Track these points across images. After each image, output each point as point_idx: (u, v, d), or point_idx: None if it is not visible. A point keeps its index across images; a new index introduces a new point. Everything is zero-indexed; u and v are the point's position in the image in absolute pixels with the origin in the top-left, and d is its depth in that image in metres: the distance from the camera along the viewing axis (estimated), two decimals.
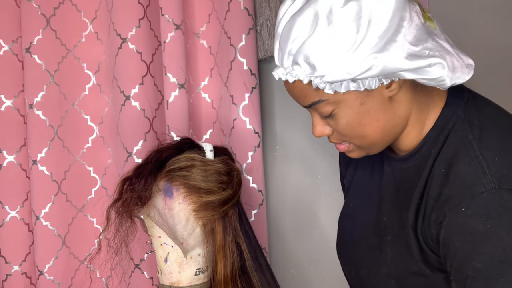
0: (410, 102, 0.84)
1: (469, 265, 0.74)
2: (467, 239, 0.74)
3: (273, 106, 1.53)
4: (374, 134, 0.84)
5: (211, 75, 1.47)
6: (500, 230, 0.72)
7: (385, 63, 0.75)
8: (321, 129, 0.88)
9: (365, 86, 0.78)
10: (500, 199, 0.73)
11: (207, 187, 1.07)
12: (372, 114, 0.82)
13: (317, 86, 0.79)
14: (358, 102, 0.81)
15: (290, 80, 0.82)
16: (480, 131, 0.80)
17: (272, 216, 1.54)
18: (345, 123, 0.83)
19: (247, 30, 1.38)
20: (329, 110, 0.82)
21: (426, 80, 0.79)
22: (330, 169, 1.51)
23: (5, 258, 1.47)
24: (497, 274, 0.71)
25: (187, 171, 1.07)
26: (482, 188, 0.74)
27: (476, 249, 0.73)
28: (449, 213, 0.77)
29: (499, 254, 0.71)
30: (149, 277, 1.44)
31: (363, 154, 0.90)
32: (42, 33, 1.42)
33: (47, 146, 1.44)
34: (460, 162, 0.79)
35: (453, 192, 0.78)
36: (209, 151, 1.13)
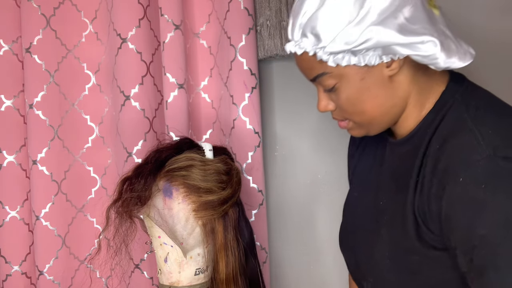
0: (410, 84, 0.87)
1: (473, 233, 0.75)
2: (468, 208, 0.76)
3: (273, 106, 1.53)
4: (372, 111, 0.88)
5: (211, 75, 1.47)
6: (499, 195, 0.74)
7: (380, 35, 0.80)
8: (325, 104, 0.92)
9: (366, 61, 0.83)
10: (496, 165, 0.75)
11: (207, 186, 1.07)
12: (371, 90, 0.86)
13: (321, 58, 0.84)
14: (358, 77, 0.85)
15: (298, 52, 0.87)
16: (476, 110, 0.83)
17: (272, 216, 1.54)
18: (345, 97, 0.87)
19: (247, 30, 1.38)
20: (332, 84, 0.87)
21: (419, 57, 0.83)
22: (330, 169, 1.51)
23: (5, 258, 1.47)
24: (501, 237, 0.73)
25: (187, 171, 1.07)
26: (478, 156, 0.76)
27: (478, 216, 0.74)
28: (448, 186, 0.78)
29: (502, 219, 0.73)
30: (149, 277, 1.44)
31: (363, 133, 0.94)
32: (42, 33, 1.42)
33: (47, 146, 1.44)
34: (455, 136, 0.82)
35: (450, 163, 0.80)
36: (209, 150, 1.13)
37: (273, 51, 1.43)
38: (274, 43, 1.43)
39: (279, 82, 1.53)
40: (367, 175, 1.04)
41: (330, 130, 1.51)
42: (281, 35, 1.43)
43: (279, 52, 1.43)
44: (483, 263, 0.74)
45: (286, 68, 1.52)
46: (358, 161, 1.10)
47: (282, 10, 1.43)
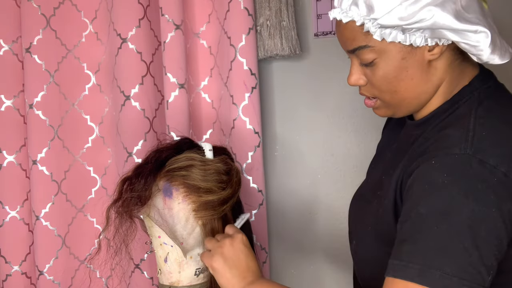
0: (444, 72, 0.88)
1: (414, 208, 0.79)
2: (424, 186, 0.79)
3: (273, 106, 1.53)
4: (405, 92, 0.88)
5: (211, 75, 1.47)
6: (454, 188, 0.77)
7: (437, 17, 0.80)
8: (356, 78, 0.92)
9: (411, 41, 0.83)
10: (467, 164, 0.78)
11: (207, 186, 1.07)
12: (409, 71, 0.86)
13: (368, 29, 0.84)
14: (400, 56, 0.85)
15: (345, 20, 0.86)
16: (484, 110, 0.85)
17: (272, 216, 1.54)
18: (382, 74, 0.87)
19: (247, 30, 1.38)
20: (371, 58, 0.87)
21: (467, 45, 0.82)
22: (330, 169, 1.51)
23: (5, 258, 1.47)
24: (433, 222, 0.76)
25: (187, 170, 1.07)
26: (458, 150, 0.79)
27: (427, 196, 0.78)
28: (422, 164, 0.82)
29: (443, 207, 0.76)
30: (149, 277, 1.44)
31: (389, 114, 0.94)
32: (42, 33, 1.42)
33: (47, 146, 1.44)
34: (452, 127, 0.84)
35: (433, 148, 0.83)
36: (209, 150, 1.13)
37: (273, 51, 1.43)
38: (274, 43, 1.43)
39: (279, 82, 1.53)
40: (384, 150, 1.07)
41: (330, 130, 1.51)
42: (281, 35, 1.43)
43: (279, 52, 1.43)
44: (408, 234, 0.78)
45: (286, 68, 1.52)
46: (383, 137, 1.14)
47: (282, 10, 1.43)
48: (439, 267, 0.74)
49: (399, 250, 0.78)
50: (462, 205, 0.76)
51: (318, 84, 1.50)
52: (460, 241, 0.74)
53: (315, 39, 1.49)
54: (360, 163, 1.47)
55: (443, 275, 0.73)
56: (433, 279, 0.74)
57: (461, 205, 0.76)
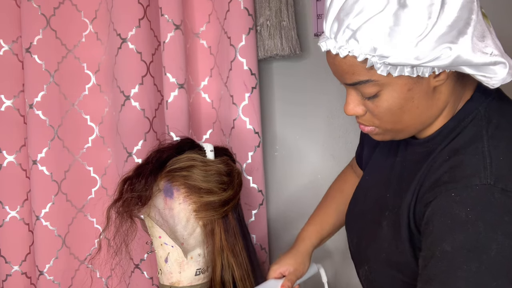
0: (449, 95, 0.83)
1: (439, 245, 0.75)
2: (446, 222, 0.75)
3: (273, 106, 1.53)
4: (409, 121, 0.84)
5: (211, 75, 1.47)
6: (479, 223, 0.73)
7: (458, 54, 0.74)
8: (353, 108, 0.85)
9: (419, 73, 0.78)
10: (490, 195, 0.74)
11: (208, 187, 1.07)
12: (415, 101, 0.81)
13: (373, 65, 0.77)
14: (406, 88, 0.79)
15: (343, 54, 0.78)
16: (495, 129, 0.80)
17: (272, 216, 1.54)
18: (386, 106, 0.82)
19: (247, 30, 1.38)
20: (374, 92, 0.81)
21: (483, 77, 0.77)
22: (330, 169, 1.51)
23: (5, 258, 1.47)
24: (462, 261, 0.72)
25: (188, 171, 1.07)
26: (478, 181, 0.75)
27: (451, 233, 0.74)
28: (439, 195, 0.78)
29: (470, 244, 0.72)
30: (149, 277, 1.44)
31: (387, 138, 0.89)
32: (42, 33, 1.42)
33: (47, 146, 1.44)
34: (465, 153, 0.80)
35: (450, 178, 0.78)
36: (210, 151, 1.13)
37: (273, 51, 1.43)
38: (274, 43, 1.43)
39: (279, 82, 1.53)
40: (382, 164, 1.02)
41: (330, 130, 1.51)
42: (281, 35, 1.43)
43: (279, 52, 1.43)
44: (434, 273, 0.74)
45: (286, 68, 1.52)
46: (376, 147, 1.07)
47: (282, 10, 1.43)
48: None
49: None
50: (490, 241, 0.71)
51: (318, 84, 1.50)
52: (493, 279, 0.70)
53: (315, 39, 1.49)
54: None
55: None
56: None
57: (489, 241, 0.71)
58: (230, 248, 1.10)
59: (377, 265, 0.93)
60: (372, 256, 0.95)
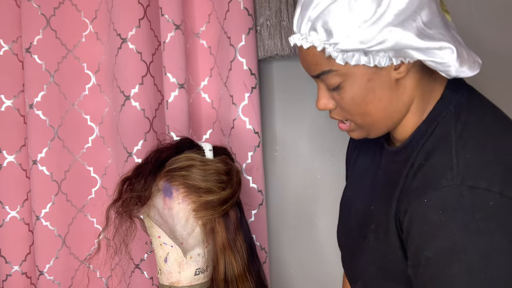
0: (414, 89, 0.86)
1: (422, 253, 0.77)
2: (423, 228, 0.77)
3: (273, 106, 1.53)
4: (375, 114, 0.86)
5: (211, 75, 1.47)
6: (452, 224, 0.74)
7: (398, 38, 0.78)
8: (325, 102, 0.89)
9: (375, 62, 0.81)
10: (458, 195, 0.75)
11: (207, 186, 1.07)
12: (377, 92, 0.84)
13: (330, 54, 0.81)
14: (365, 78, 0.82)
15: (305, 46, 0.83)
16: (463, 128, 0.82)
17: (272, 216, 1.54)
18: (350, 97, 0.85)
19: (247, 30, 1.38)
20: (337, 82, 0.84)
21: (433, 63, 0.80)
22: (330, 169, 1.51)
23: (5, 258, 1.47)
24: (444, 264, 0.74)
25: (187, 171, 1.07)
26: (445, 182, 0.77)
27: (429, 239, 0.76)
28: (413, 202, 0.80)
29: (448, 247, 0.74)
30: (149, 277, 1.44)
31: (363, 135, 0.92)
32: (42, 33, 1.42)
33: (47, 146, 1.44)
34: (435, 155, 0.81)
35: (422, 183, 0.80)
36: (209, 150, 1.13)
37: (273, 51, 1.43)
38: (274, 43, 1.43)
39: (279, 82, 1.53)
40: (363, 177, 1.03)
41: (330, 130, 1.51)
42: (281, 35, 1.43)
43: (279, 52, 1.43)
44: (423, 282, 0.77)
45: (286, 68, 1.52)
46: (355, 163, 1.09)
47: (282, 10, 1.43)
48: None
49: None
50: (465, 241, 0.73)
51: None
52: (475, 277, 0.72)
53: None
54: None
55: None
56: None
57: (464, 241, 0.73)
58: (231, 245, 1.10)
59: (370, 279, 0.94)
60: (362, 271, 0.95)
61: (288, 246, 1.55)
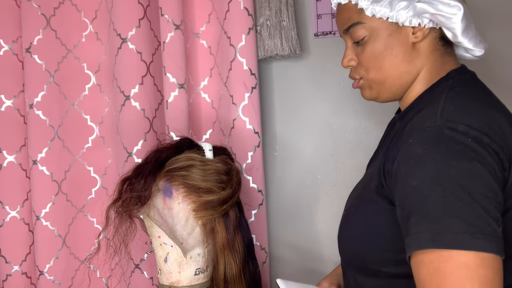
0: (426, 58, 0.97)
1: (407, 184, 0.83)
2: (407, 163, 0.84)
3: (273, 106, 1.53)
4: (388, 69, 0.97)
5: (211, 75, 1.47)
6: (435, 154, 0.81)
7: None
8: (349, 59, 1.02)
9: (397, 19, 0.94)
10: (440, 132, 0.83)
11: (207, 186, 1.07)
12: (394, 49, 0.96)
13: (362, 6, 0.96)
14: (387, 33, 0.96)
15: (344, 1, 0.99)
16: (455, 93, 0.91)
17: (272, 216, 1.54)
18: (370, 50, 0.97)
19: (247, 30, 1.38)
20: (362, 35, 0.97)
21: (442, 17, 0.92)
22: (330, 169, 1.51)
23: (5, 258, 1.47)
24: (428, 190, 0.80)
25: (187, 170, 1.07)
26: (429, 123, 0.85)
27: (414, 169, 0.82)
28: (402, 146, 0.87)
29: (431, 174, 0.80)
30: (149, 277, 1.44)
31: (373, 95, 1.02)
32: (42, 33, 1.42)
33: (47, 146, 1.44)
34: (424, 110, 0.92)
35: (409, 131, 0.89)
36: (208, 150, 1.13)
37: (273, 51, 1.43)
38: (274, 43, 1.43)
39: (279, 82, 1.53)
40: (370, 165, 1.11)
41: (330, 130, 1.51)
42: (281, 35, 1.43)
43: (279, 52, 1.43)
44: (410, 208, 0.81)
45: (286, 68, 1.52)
46: None
47: (282, 10, 1.43)
48: (447, 228, 0.76)
49: (407, 227, 0.81)
50: (448, 167, 0.79)
51: (318, 84, 1.50)
52: (459, 200, 0.77)
53: (315, 39, 1.49)
54: (360, 163, 1.47)
55: (454, 234, 0.76)
56: (446, 241, 0.76)
57: (447, 167, 0.79)
58: (230, 245, 1.10)
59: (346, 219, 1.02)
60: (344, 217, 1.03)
61: (288, 246, 1.55)
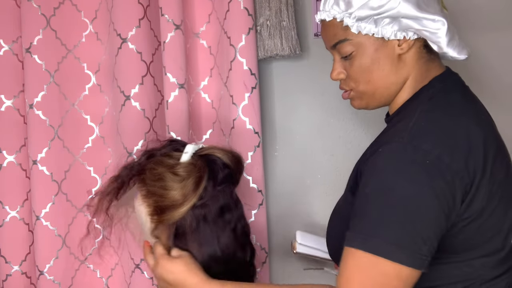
0: (412, 67, 1.00)
1: (363, 190, 0.91)
2: (369, 171, 0.92)
3: (273, 106, 1.53)
4: (377, 82, 1.00)
5: (211, 75, 1.47)
6: (389, 169, 0.88)
7: (401, 7, 0.94)
8: (338, 72, 1.05)
9: (382, 34, 0.97)
10: (402, 149, 0.88)
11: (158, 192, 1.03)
12: (381, 62, 0.99)
13: (347, 24, 0.98)
14: (373, 48, 0.98)
15: (328, 18, 1.00)
16: (430, 105, 0.95)
17: (272, 216, 1.54)
18: (358, 64, 1.00)
19: (247, 30, 1.38)
20: (349, 51, 1.00)
21: (427, 32, 0.96)
22: (330, 169, 1.51)
23: (5, 258, 1.47)
24: (373, 199, 0.88)
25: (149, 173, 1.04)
26: (397, 139, 0.90)
27: (370, 178, 0.91)
28: (374, 153, 0.93)
29: (380, 186, 0.88)
30: (149, 277, 1.44)
31: (363, 105, 1.06)
32: (42, 33, 1.42)
33: (47, 146, 1.44)
34: (399, 124, 0.95)
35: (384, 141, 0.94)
36: (185, 153, 1.07)
37: (273, 51, 1.43)
38: (274, 43, 1.43)
39: (279, 82, 1.53)
40: None
41: (330, 130, 1.51)
42: (281, 35, 1.43)
43: (279, 52, 1.43)
44: (356, 210, 0.91)
45: (286, 68, 1.52)
46: None
47: (282, 10, 1.43)
48: (379, 236, 0.85)
49: (351, 224, 0.90)
50: (396, 184, 0.87)
51: (318, 84, 1.50)
52: (394, 214, 0.85)
53: (315, 39, 1.49)
54: None
55: (382, 243, 0.85)
56: (374, 246, 0.85)
57: (395, 184, 0.87)
58: None
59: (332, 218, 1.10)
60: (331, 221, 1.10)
61: (288, 246, 1.55)
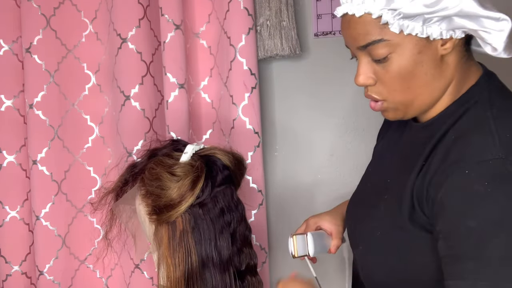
0: (455, 69, 0.85)
1: (463, 223, 0.76)
2: (465, 199, 0.77)
3: (273, 106, 1.53)
4: (417, 89, 0.85)
5: (211, 75, 1.47)
6: (500, 195, 0.74)
7: (463, 5, 0.78)
8: (365, 77, 0.86)
9: (428, 33, 0.80)
10: (504, 168, 0.75)
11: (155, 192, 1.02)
12: (424, 66, 0.83)
13: (387, 21, 0.80)
14: (416, 50, 0.82)
15: (359, 13, 0.81)
16: (498, 111, 0.82)
17: (272, 216, 1.54)
18: (396, 69, 0.83)
19: (247, 30, 1.38)
20: (384, 53, 0.82)
21: (486, 33, 0.79)
22: (330, 169, 1.51)
23: (5, 258, 1.47)
24: (490, 235, 0.74)
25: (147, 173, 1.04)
26: (490, 155, 0.77)
27: (473, 209, 0.75)
28: (452, 175, 0.78)
29: (495, 216, 0.74)
30: (149, 277, 1.44)
31: (398, 116, 0.90)
32: (42, 33, 1.42)
33: (47, 146, 1.44)
34: (474, 133, 0.81)
35: (461, 156, 0.79)
36: (184, 153, 1.06)
37: (273, 51, 1.43)
38: (274, 43, 1.43)
39: (279, 82, 1.53)
40: (385, 153, 1.04)
41: (330, 130, 1.51)
42: (281, 35, 1.43)
43: (279, 52, 1.43)
44: (464, 251, 0.75)
45: (286, 68, 1.52)
46: (382, 138, 1.09)
47: (282, 10, 1.43)
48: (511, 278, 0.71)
49: (458, 269, 0.75)
50: None
51: (318, 84, 1.50)
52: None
53: (315, 39, 1.49)
54: (360, 163, 1.47)
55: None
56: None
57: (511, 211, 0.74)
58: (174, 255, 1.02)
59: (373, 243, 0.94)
60: (367, 236, 0.96)
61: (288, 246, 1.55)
